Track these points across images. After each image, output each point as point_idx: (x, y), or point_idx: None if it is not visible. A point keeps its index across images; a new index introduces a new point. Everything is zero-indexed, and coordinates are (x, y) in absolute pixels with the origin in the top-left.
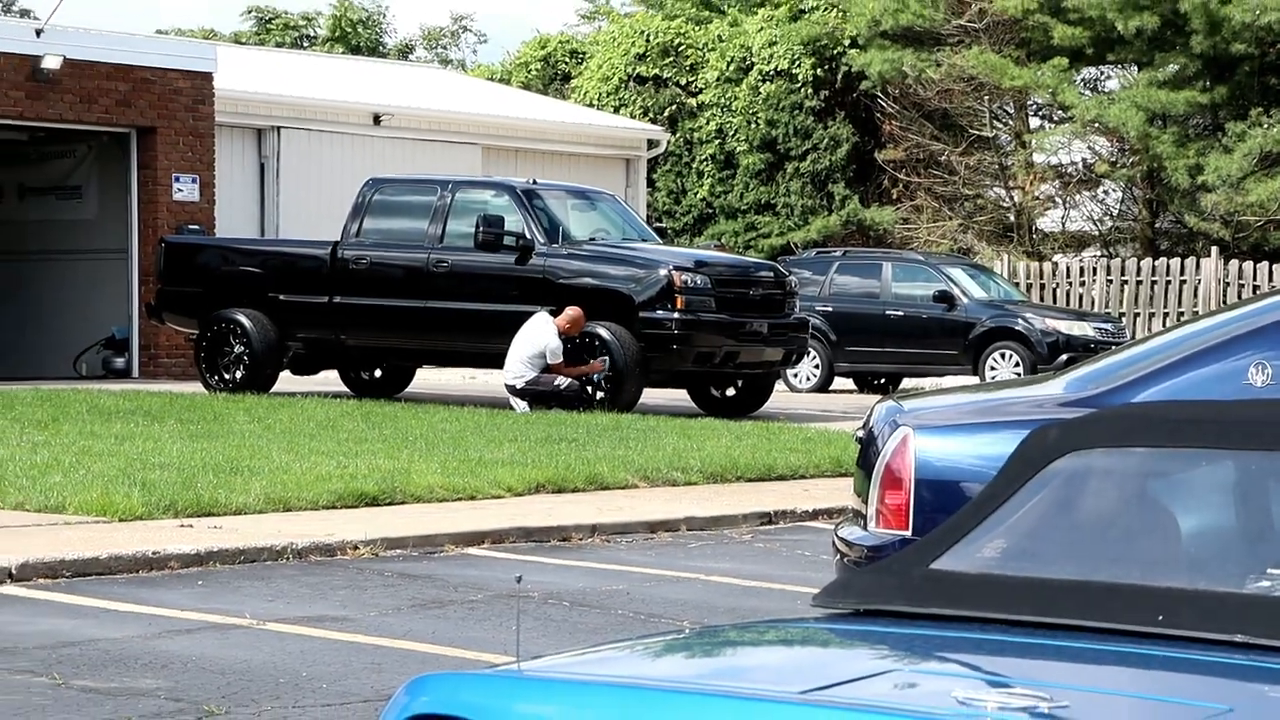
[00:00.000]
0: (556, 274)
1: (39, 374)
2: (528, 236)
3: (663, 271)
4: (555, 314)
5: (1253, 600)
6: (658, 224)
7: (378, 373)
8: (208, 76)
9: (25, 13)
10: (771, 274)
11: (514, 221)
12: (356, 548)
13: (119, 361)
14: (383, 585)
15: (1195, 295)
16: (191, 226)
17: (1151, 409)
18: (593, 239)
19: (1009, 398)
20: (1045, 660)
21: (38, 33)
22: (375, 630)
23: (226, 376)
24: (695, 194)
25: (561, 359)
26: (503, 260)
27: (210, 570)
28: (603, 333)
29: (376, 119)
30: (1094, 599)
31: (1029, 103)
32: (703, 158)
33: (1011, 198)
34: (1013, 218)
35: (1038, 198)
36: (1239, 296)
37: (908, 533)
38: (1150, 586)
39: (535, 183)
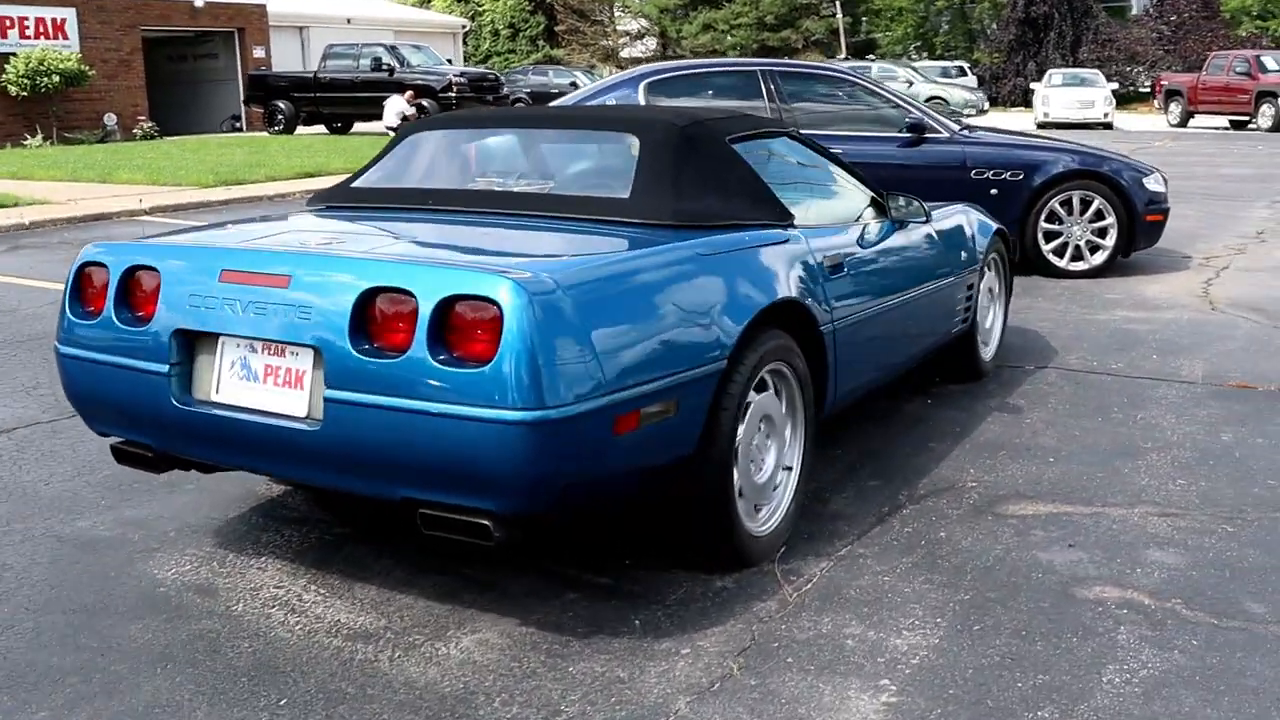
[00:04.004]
0: (404, 78)
1: (204, 131)
2: (389, 63)
3: (449, 78)
4: (403, 93)
5: (477, 192)
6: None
7: (339, 124)
8: (264, 7)
9: None
10: (495, 78)
11: (389, 57)
12: (299, 194)
13: (238, 124)
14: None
15: None
16: (261, 70)
17: (460, 114)
18: (420, 64)
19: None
20: (400, 224)
21: None
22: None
23: (275, 128)
24: None
25: (412, 111)
26: (380, 76)
27: (237, 206)
28: (424, 102)
29: (348, 20)
30: (427, 196)
31: None
32: None
33: None
34: None
35: None
36: None
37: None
38: (444, 189)
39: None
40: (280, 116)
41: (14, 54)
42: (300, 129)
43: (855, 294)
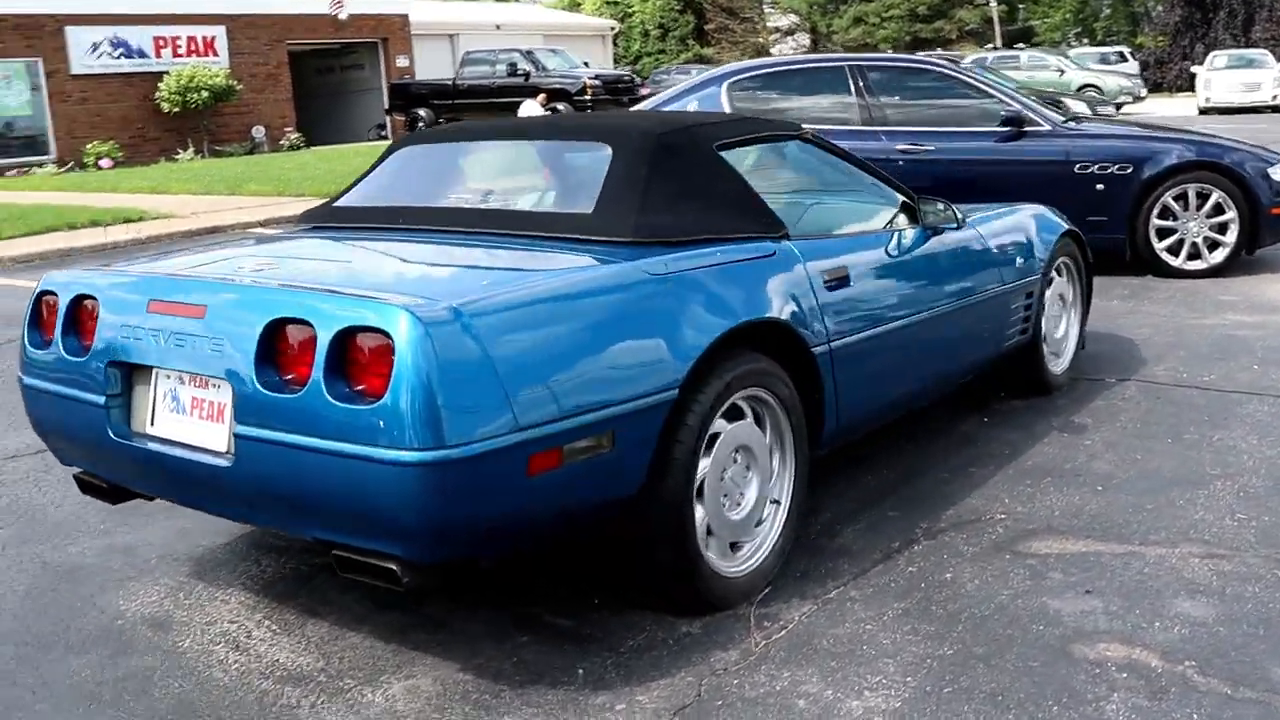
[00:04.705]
0: (539, 82)
1: (350, 140)
2: (524, 68)
3: (583, 80)
4: (536, 96)
5: (447, 210)
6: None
7: None
8: (406, 16)
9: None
10: (630, 79)
11: (524, 62)
12: None
13: (384, 133)
14: None
15: None
16: (403, 79)
17: (449, 126)
18: (555, 68)
19: None
20: (358, 245)
21: (341, 6)
22: None
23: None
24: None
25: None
26: (515, 81)
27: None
28: (559, 106)
29: (497, 26)
30: (398, 215)
31: None
32: None
33: None
34: None
35: None
36: None
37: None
38: (415, 208)
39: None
40: (421, 124)
41: (167, 72)
42: None
43: (863, 311)
